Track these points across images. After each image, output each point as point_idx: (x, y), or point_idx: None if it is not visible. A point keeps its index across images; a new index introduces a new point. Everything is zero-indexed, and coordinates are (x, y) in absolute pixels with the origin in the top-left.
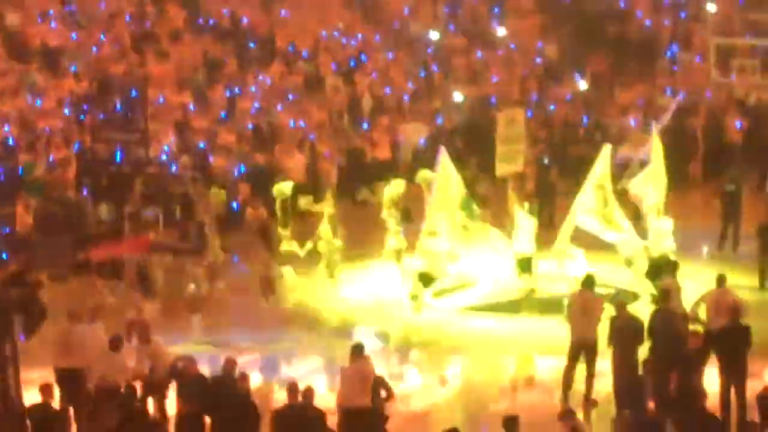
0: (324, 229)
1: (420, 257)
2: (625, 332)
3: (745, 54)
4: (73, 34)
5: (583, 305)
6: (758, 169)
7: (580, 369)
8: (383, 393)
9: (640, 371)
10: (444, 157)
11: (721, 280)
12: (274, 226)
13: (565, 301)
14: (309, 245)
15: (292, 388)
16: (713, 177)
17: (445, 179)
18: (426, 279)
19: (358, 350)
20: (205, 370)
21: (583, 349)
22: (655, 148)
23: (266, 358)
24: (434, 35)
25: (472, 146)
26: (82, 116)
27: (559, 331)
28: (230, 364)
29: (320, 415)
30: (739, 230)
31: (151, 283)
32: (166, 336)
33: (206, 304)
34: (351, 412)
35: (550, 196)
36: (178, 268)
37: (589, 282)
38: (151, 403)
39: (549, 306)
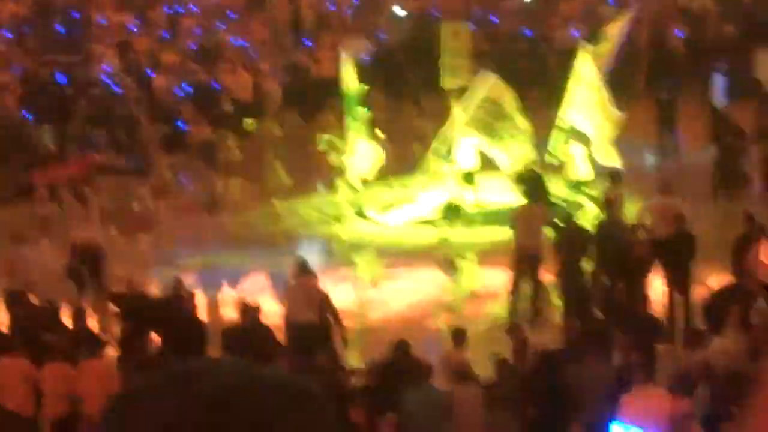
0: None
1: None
2: (572, 242)
3: None
4: None
5: (526, 216)
6: (700, 76)
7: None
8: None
9: (587, 280)
10: (348, 67)
11: (665, 188)
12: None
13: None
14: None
15: (242, 307)
16: (656, 88)
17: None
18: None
19: (302, 267)
20: (152, 289)
21: (526, 258)
22: (580, 67)
23: (212, 276)
24: None
25: (415, 61)
26: (22, 38)
27: (503, 241)
28: (177, 282)
29: (268, 332)
30: (678, 139)
31: (89, 204)
32: (114, 256)
33: (152, 224)
34: (297, 327)
35: None
36: (123, 189)
37: (533, 194)
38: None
39: (492, 217)
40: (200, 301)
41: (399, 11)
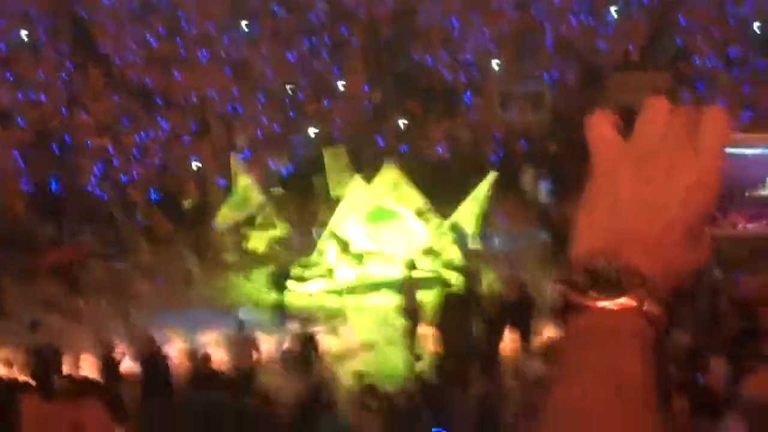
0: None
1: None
2: (447, 304)
3: (520, 96)
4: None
5: (406, 283)
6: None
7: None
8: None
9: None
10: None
11: (511, 262)
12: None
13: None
14: None
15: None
16: None
17: None
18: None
19: (240, 326)
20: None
21: (410, 314)
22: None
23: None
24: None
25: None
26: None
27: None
28: (150, 340)
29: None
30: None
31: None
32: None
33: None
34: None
35: None
36: (107, 269)
37: (410, 265)
38: None
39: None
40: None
41: (310, 134)
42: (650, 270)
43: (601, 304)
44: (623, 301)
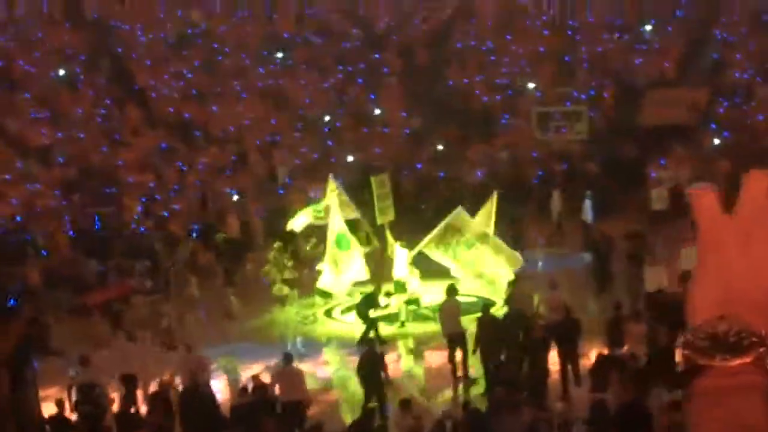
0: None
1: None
2: (490, 328)
3: (556, 117)
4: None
5: (448, 309)
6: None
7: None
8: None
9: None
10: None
11: (553, 284)
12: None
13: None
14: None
15: (242, 389)
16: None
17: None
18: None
19: (287, 358)
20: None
21: (454, 340)
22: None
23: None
24: (328, 117)
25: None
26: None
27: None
28: (193, 375)
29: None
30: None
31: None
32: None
33: (175, 334)
34: (287, 401)
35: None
36: (152, 305)
37: (452, 290)
38: None
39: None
40: (218, 385)
41: (349, 159)
42: (766, 328)
43: (724, 364)
44: (743, 359)
